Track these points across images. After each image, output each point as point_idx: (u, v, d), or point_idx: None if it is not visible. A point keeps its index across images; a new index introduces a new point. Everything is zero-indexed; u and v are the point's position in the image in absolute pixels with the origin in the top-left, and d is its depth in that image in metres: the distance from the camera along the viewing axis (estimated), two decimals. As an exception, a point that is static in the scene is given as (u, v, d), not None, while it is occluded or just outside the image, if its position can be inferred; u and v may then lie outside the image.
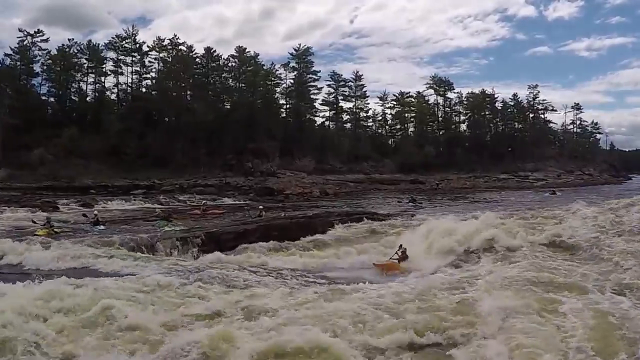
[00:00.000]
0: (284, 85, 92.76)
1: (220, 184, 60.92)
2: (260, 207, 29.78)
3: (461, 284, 12.91)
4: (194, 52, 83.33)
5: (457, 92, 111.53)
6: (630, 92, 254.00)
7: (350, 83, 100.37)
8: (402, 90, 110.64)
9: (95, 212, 29.36)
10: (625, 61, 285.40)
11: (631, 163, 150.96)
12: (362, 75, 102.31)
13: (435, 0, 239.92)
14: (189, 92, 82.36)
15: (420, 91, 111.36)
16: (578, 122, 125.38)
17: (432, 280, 13.55)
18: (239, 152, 72.84)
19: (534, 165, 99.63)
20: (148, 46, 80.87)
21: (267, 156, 73.27)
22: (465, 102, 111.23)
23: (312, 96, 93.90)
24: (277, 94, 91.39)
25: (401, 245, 19.00)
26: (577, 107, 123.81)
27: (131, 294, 11.46)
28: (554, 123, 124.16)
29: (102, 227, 25.89)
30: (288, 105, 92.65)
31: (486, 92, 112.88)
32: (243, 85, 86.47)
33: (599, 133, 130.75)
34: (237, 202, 47.93)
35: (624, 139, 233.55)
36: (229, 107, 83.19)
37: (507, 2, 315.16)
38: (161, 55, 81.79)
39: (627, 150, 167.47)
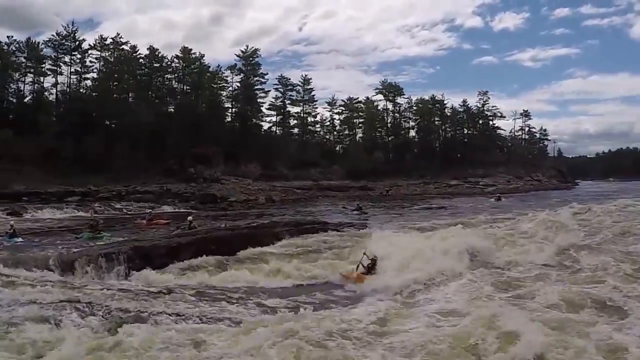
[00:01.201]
0: (230, 88, 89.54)
1: (161, 190, 57.35)
2: (190, 217, 26.65)
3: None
4: (137, 53, 79.54)
5: (407, 98, 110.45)
6: (573, 101, 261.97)
7: (299, 87, 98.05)
8: (351, 96, 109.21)
9: (12, 222, 26.25)
10: (568, 71, 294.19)
11: (575, 169, 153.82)
12: (310, 79, 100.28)
13: (383, 10, 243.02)
14: (131, 94, 78.34)
15: (370, 97, 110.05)
16: (527, 128, 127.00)
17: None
18: (182, 157, 69.26)
19: (484, 171, 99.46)
20: (90, 45, 76.81)
21: (211, 161, 70.07)
22: (414, 108, 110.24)
23: (259, 100, 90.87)
24: (223, 98, 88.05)
25: (365, 254, 17.06)
26: (525, 114, 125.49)
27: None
28: (503, 129, 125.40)
29: (19, 239, 22.98)
30: (234, 110, 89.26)
31: (436, 98, 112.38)
32: (188, 88, 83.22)
33: (547, 140, 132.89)
34: (177, 210, 45.00)
35: (567, 146, 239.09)
36: (172, 110, 79.82)
37: (455, 13, 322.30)
38: (103, 55, 77.69)
39: (570, 157, 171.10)
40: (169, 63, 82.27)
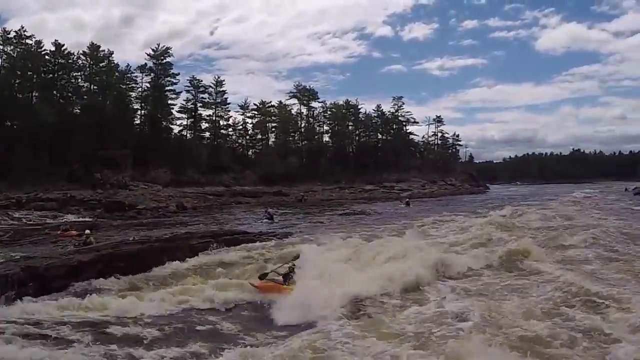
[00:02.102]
0: (140, 89, 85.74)
1: (64, 197, 53.45)
2: (87, 231, 23.93)
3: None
4: (42, 48, 74.05)
5: (322, 102, 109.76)
6: (479, 109, 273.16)
7: (211, 89, 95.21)
8: (264, 100, 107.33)
9: None
10: (475, 80, 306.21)
11: (483, 173, 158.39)
12: (223, 80, 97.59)
13: (295, 16, 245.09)
14: (34, 93, 73.24)
15: (283, 100, 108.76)
16: (440, 134, 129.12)
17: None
18: (87, 161, 64.97)
19: (399, 176, 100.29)
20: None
21: (119, 166, 66.45)
22: (328, 113, 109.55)
23: (169, 102, 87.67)
24: (132, 99, 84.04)
25: (293, 265, 15.83)
26: (438, 120, 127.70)
27: None
28: (416, 135, 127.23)
29: None
30: (143, 111, 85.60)
31: (350, 102, 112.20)
32: (96, 87, 78.51)
33: (459, 145, 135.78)
34: (82, 219, 41.70)
35: (474, 151, 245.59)
36: (78, 110, 75.23)
37: (365, 22, 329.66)
38: (6, 49, 72.39)
39: (477, 161, 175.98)
40: (76, 60, 77.13)
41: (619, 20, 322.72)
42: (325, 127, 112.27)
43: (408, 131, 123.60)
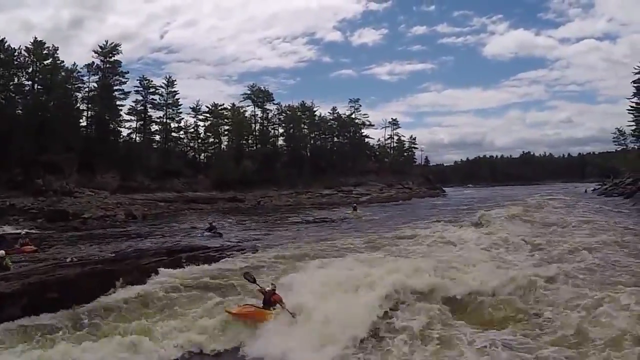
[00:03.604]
0: (87, 89, 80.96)
1: (3, 206, 49.32)
2: (1, 252, 19.95)
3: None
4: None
5: (277, 103, 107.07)
6: (428, 113, 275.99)
7: (162, 89, 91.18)
8: (217, 102, 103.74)
9: None
10: (424, 85, 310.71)
11: (435, 176, 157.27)
12: (174, 80, 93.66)
13: (245, 21, 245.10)
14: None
15: (237, 103, 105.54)
16: (396, 137, 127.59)
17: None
18: (28, 166, 60.44)
19: (356, 180, 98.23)
20: None
21: (63, 171, 62.40)
22: (283, 115, 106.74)
23: (118, 103, 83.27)
24: (77, 99, 79.29)
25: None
26: (394, 123, 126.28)
27: None
28: (371, 138, 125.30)
29: None
30: (90, 113, 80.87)
31: (305, 104, 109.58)
32: (40, 87, 73.04)
33: (415, 148, 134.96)
34: (20, 230, 37.66)
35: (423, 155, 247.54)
36: (20, 111, 69.94)
37: (315, 27, 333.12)
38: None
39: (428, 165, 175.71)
40: (17, 56, 71.39)
41: (564, 27, 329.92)
42: (280, 130, 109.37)
43: (364, 134, 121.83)
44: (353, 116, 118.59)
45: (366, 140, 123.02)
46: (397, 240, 25.41)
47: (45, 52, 73.10)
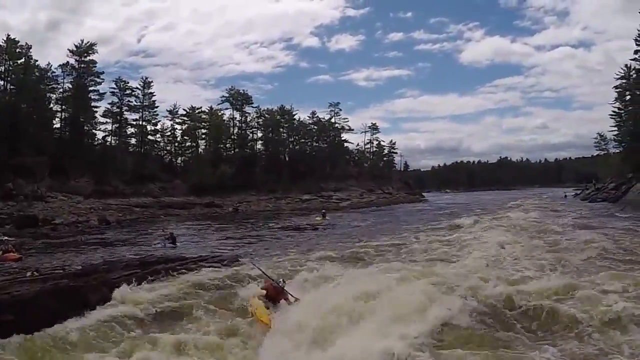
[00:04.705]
0: (61, 90, 78.83)
1: (-30, 212, 47.32)
2: None
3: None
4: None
5: (256, 107, 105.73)
6: (404, 119, 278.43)
7: (138, 91, 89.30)
8: (194, 105, 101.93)
9: None
10: (400, 91, 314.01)
11: (412, 181, 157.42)
12: (151, 81, 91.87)
13: (223, 26, 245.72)
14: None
15: (214, 107, 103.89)
16: (376, 142, 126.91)
17: None
18: (-2, 169, 58.22)
19: (336, 185, 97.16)
20: None
21: (34, 175, 60.20)
22: (261, 119, 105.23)
23: (93, 104, 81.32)
24: (51, 100, 77.12)
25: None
26: (374, 128, 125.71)
27: None
28: (351, 143, 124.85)
29: None
30: (64, 114, 78.76)
31: (285, 108, 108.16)
32: (13, 87, 70.43)
33: (395, 153, 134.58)
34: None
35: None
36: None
37: (292, 32, 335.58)
38: None
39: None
40: None
41: (540, 34, 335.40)
42: (259, 134, 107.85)
43: (343, 139, 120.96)
44: (332, 120, 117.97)
45: (345, 144, 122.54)
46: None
47: (18, 50, 70.82)
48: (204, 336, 11.24)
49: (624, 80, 77.07)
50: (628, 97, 76.79)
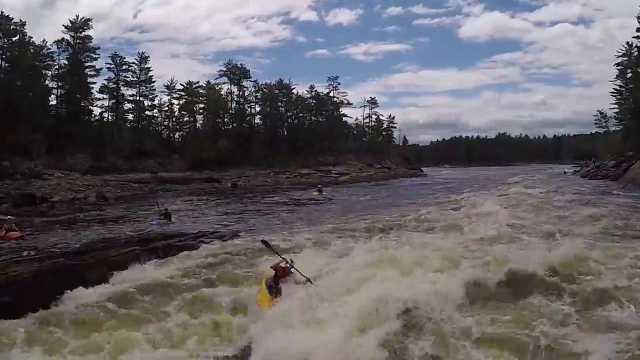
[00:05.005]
0: (57, 66, 77.94)
1: (-33, 191, 46.72)
2: None
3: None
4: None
5: (254, 81, 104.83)
6: (402, 93, 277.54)
7: (134, 66, 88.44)
8: (191, 80, 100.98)
9: None
10: (399, 65, 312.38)
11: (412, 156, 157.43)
12: (148, 56, 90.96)
13: (219, 0, 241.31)
14: None
15: (212, 81, 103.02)
16: (375, 116, 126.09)
17: None
18: (-7, 147, 57.57)
19: (335, 159, 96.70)
20: None
21: (31, 153, 59.70)
22: (259, 93, 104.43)
23: (89, 80, 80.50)
24: (46, 77, 76.10)
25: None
26: (372, 102, 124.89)
27: None
28: (349, 117, 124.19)
29: None
30: (60, 91, 78.06)
31: (283, 82, 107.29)
32: (8, 65, 69.25)
33: (394, 128, 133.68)
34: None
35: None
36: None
37: (290, 6, 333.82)
38: None
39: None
40: None
41: (540, 11, 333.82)
42: (257, 108, 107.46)
43: (342, 113, 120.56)
44: (331, 94, 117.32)
45: (344, 119, 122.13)
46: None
47: (12, 27, 69.82)
48: (204, 315, 10.91)
49: (625, 58, 76.92)
50: (629, 75, 76.38)
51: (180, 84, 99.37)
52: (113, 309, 11.29)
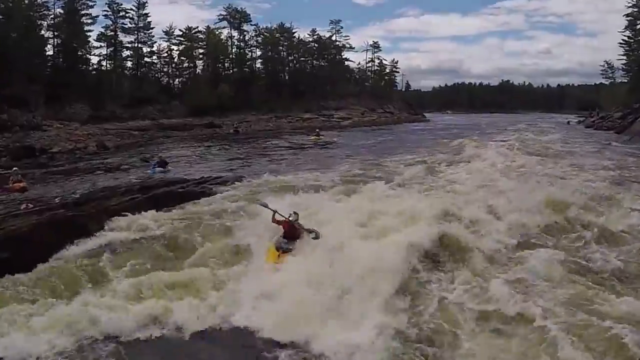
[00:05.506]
0: (52, 16, 75.69)
1: (-36, 144, 45.96)
2: None
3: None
4: None
5: (254, 25, 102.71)
6: (404, 39, 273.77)
7: (132, 12, 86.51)
8: (190, 26, 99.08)
9: None
10: (401, 10, 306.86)
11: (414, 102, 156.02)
12: (146, 2, 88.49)
13: None
14: None
15: (211, 26, 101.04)
16: (377, 60, 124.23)
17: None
18: (-10, 100, 56.56)
19: (337, 104, 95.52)
20: None
21: (29, 104, 58.75)
22: (260, 38, 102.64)
23: (86, 28, 78.75)
24: (42, 27, 73.72)
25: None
26: (375, 46, 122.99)
27: None
28: (352, 61, 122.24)
29: None
30: (56, 41, 76.29)
31: (284, 26, 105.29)
32: (1, 16, 66.46)
33: (397, 72, 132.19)
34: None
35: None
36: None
37: None
38: None
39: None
40: None
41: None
42: (258, 53, 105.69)
43: (344, 57, 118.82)
44: (333, 38, 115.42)
45: (346, 63, 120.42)
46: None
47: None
48: (204, 268, 10.66)
49: (635, 9, 75.21)
50: (639, 26, 74.84)
51: (179, 29, 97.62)
52: (112, 257, 11.20)
